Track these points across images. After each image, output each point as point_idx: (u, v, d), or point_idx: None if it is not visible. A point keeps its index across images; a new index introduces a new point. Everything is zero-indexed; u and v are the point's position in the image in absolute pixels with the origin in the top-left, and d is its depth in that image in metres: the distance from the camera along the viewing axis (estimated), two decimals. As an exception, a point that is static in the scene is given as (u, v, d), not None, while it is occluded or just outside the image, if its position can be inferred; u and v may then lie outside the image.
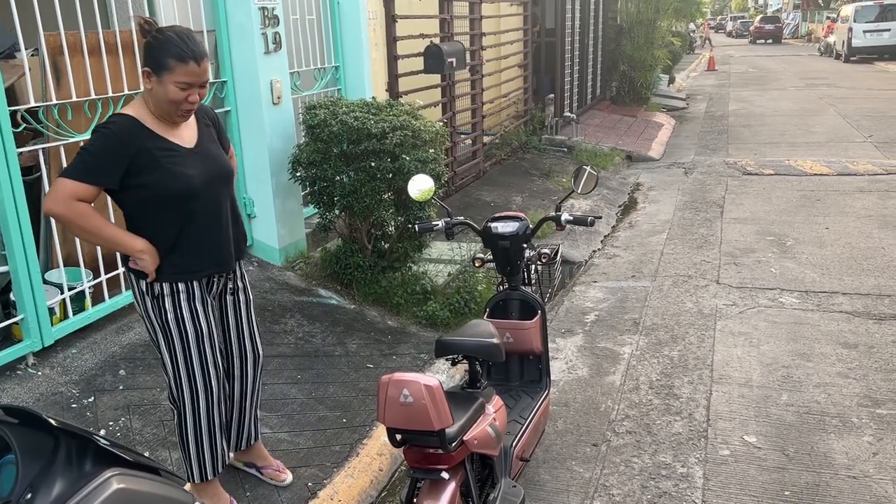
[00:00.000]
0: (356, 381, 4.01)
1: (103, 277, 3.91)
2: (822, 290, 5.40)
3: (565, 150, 10.28)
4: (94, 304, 3.89)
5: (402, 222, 4.86)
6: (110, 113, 3.87)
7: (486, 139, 9.07)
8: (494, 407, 2.72)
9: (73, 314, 3.78)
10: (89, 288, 3.86)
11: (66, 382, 3.53)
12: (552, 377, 3.77)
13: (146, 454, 3.16)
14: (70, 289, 3.76)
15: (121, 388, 3.56)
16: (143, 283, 2.55)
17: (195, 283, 2.59)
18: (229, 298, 2.78)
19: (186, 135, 2.56)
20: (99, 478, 1.39)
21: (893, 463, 3.34)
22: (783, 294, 5.39)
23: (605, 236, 7.12)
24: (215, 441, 2.74)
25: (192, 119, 2.61)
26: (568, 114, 11.44)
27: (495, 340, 2.72)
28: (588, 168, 3.32)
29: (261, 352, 2.95)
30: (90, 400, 3.44)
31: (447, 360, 2.80)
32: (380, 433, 3.57)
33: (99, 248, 3.87)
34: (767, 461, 3.41)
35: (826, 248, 6.36)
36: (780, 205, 7.92)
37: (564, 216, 3.24)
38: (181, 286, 2.56)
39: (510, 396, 3.30)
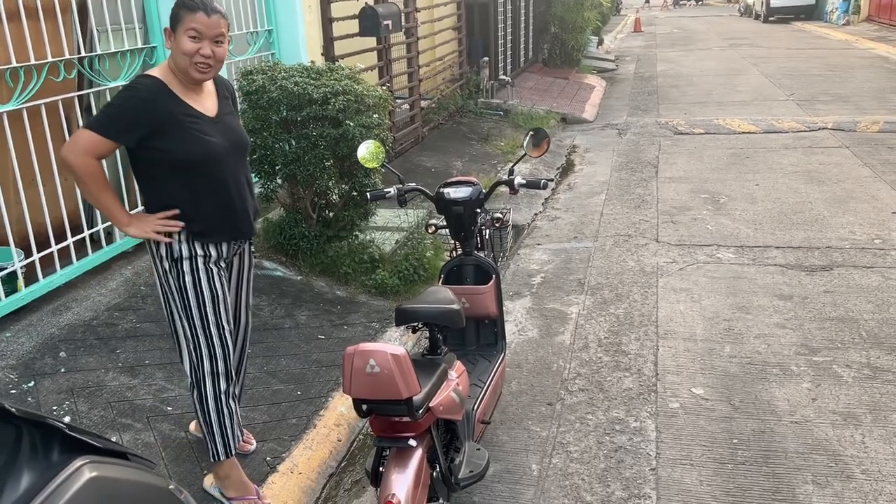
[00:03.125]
0: (308, 352, 3.95)
1: (35, 256, 3.71)
2: (757, 245, 5.59)
3: (502, 113, 10.28)
4: (27, 284, 3.70)
5: (347, 190, 4.78)
6: (34, 83, 3.65)
7: (423, 104, 8.97)
8: (457, 372, 2.72)
9: (5, 296, 3.59)
10: (21, 268, 3.66)
11: (3, 367, 3.36)
12: (504, 340, 3.81)
13: (95, 438, 3.05)
14: (0, 269, 3.56)
15: (62, 370, 3.41)
16: (162, 247, 2.55)
17: (212, 246, 2.60)
18: (235, 262, 2.79)
19: (208, 104, 2.57)
20: (69, 467, 1.33)
21: (831, 407, 3.51)
22: (720, 250, 5.56)
23: (545, 199, 7.18)
24: (234, 410, 2.74)
25: (213, 90, 2.63)
26: (503, 77, 11.41)
27: (455, 306, 2.72)
28: (541, 132, 3.30)
29: (251, 321, 2.96)
30: (30, 385, 3.28)
31: (407, 327, 2.78)
32: (336, 404, 3.54)
33: (29, 226, 3.67)
34: (715, 412, 3.53)
35: (757, 204, 6.57)
36: (711, 163, 8.13)
37: (518, 179, 3.24)
38: (198, 249, 2.57)
39: (467, 361, 3.30)
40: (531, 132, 3.32)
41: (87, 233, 4.01)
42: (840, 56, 16.39)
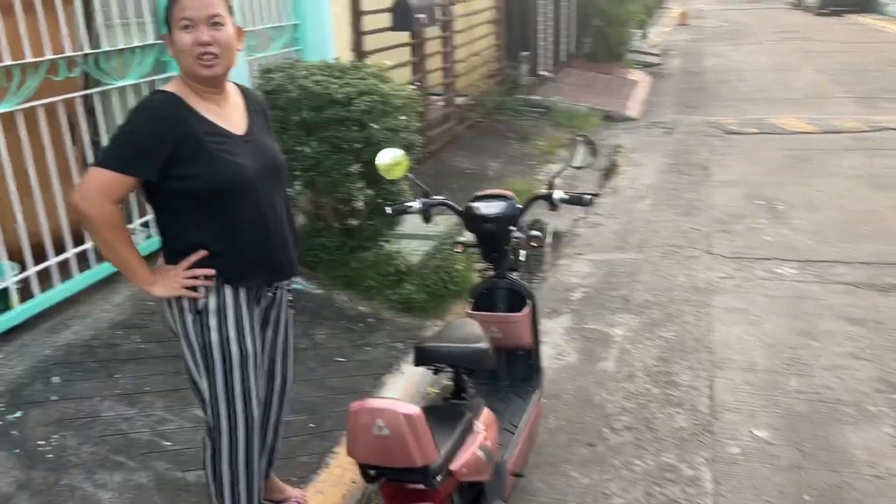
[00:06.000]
0: (324, 378, 3.61)
1: (31, 270, 3.43)
2: (821, 259, 5.09)
3: (542, 110, 9.83)
4: (21, 301, 3.42)
5: (373, 197, 4.42)
6: (30, 81, 3.36)
7: (458, 101, 8.58)
8: (485, 423, 2.34)
9: (-3, 314, 3.31)
10: (15, 283, 3.38)
11: (-11, 395, 3.08)
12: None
13: (81, 477, 2.75)
14: (-8, 285, 3.29)
15: (53, 398, 3.11)
16: (184, 299, 2.15)
17: (243, 295, 2.19)
18: (272, 314, 2.38)
19: (235, 120, 2.19)
20: None
21: (919, 458, 3.05)
22: (780, 264, 5.07)
23: (587, 203, 6.73)
24: (252, 477, 2.34)
25: (241, 104, 2.25)
26: (543, 72, 10.97)
27: (483, 345, 2.34)
28: (588, 140, 2.90)
29: (290, 378, 2.55)
30: (17, 415, 2.99)
31: (428, 369, 2.41)
32: (352, 440, 3.19)
33: (25, 237, 3.39)
34: (781, 459, 3.09)
35: (819, 212, 6.05)
36: (766, 165, 7.60)
37: (558, 194, 2.84)
38: (229, 299, 2.17)
39: (498, 399, 2.92)
40: (578, 139, 2.92)
41: (89, 244, 3.71)
42: (900, 50, 15.54)
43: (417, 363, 2.35)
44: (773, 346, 4.00)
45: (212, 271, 2.14)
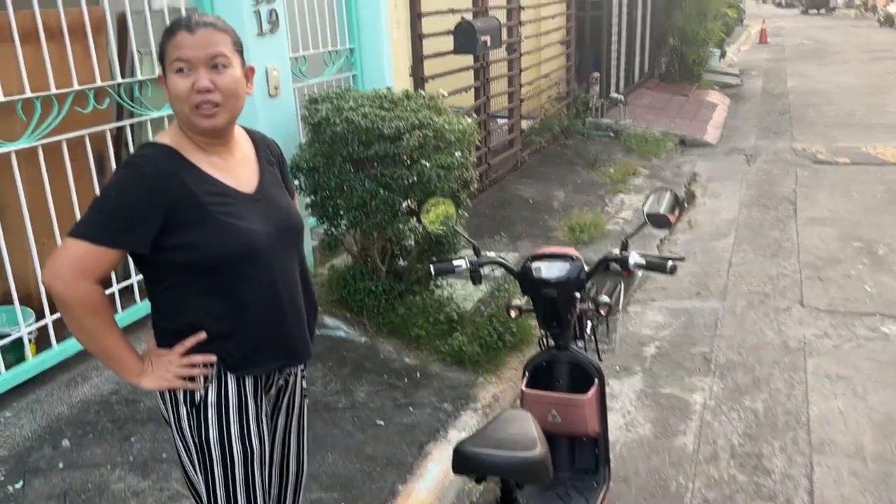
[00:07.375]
0: (362, 444, 3.22)
1: (49, 319, 3.16)
2: (935, 317, 4.45)
3: (612, 134, 9.32)
4: (36, 352, 3.15)
5: (424, 237, 4.04)
6: (54, 115, 3.11)
7: (524, 125, 8.16)
8: (537, 550, 1.90)
9: (8, 367, 3.04)
10: (30, 333, 3.12)
11: (-7, 459, 2.81)
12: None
13: (79, 567, 2.43)
14: (3, 336, 3.02)
15: (60, 465, 2.82)
16: (179, 390, 1.80)
17: (250, 383, 1.84)
18: (284, 399, 2.01)
19: (244, 175, 1.84)
20: None
21: None
22: (885, 322, 4.45)
23: (661, 239, 6.20)
24: None
25: (250, 155, 1.89)
26: (615, 94, 10.44)
27: (538, 453, 1.90)
28: (673, 195, 2.45)
29: (305, 468, 2.17)
30: (18, 486, 2.70)
31: (469, 477, 1.99)
32: (387, 527, 2.79)
33: (41, 280, 3.12)
34: (903, 582, 2.54)
35: (928, 259, 5.37)
36: (862, 201, 6.90)
37: (634, 259, 2.38)
38: (232, 390, 1.81)
39: (556, 495, 2.48)
40: (654, 193, 2.47)
41: (116, 287, 3.44)
42: None
43: (457, 470, 1.94)
44: (883, 425, 3.42)
45: (213, 358, 1.78)
